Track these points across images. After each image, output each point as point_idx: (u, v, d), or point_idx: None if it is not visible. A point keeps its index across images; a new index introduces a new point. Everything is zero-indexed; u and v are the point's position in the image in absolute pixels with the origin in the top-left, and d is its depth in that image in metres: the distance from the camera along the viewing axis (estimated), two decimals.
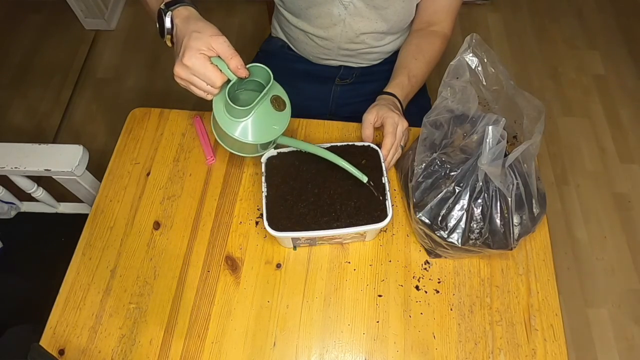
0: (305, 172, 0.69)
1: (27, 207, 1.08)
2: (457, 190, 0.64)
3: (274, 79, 0.64)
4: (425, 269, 0.71)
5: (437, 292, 0.69)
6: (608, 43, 1.97)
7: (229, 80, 0.61)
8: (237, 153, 0.69)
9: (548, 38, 1.99)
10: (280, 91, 0.68)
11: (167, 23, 0.63)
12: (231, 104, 0.60)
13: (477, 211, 0.63)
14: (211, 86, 0.61)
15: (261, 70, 0.64)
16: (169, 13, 0.63)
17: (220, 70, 0.60)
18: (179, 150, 0.83)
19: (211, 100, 0.64)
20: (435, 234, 0.65)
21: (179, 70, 0.60)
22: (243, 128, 0.64)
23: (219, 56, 0.60)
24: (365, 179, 0.64)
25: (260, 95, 0.62)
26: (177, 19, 0.62)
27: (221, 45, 0.59)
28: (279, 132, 0.66)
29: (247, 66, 0.61)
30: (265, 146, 0.69)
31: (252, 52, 1.14)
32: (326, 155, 0.65)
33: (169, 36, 0.64)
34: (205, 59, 0.59)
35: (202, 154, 0.82)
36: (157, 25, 0.65)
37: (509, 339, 0.66)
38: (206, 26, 0.61)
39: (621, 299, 1.42)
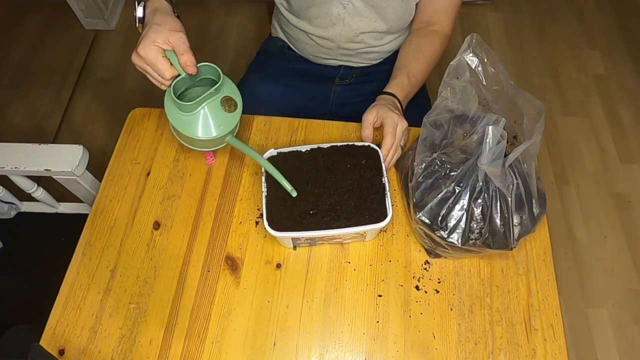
0: (305, 172, 0.69)
1: (27, 207, 1.08)
2: (457, 190, 0.64)
3: (233, 81, 0.68)
4: (425, 269, 0.71)
5: (437, 292, 0.69)
6: (608, 43, 1.97)
7: (179, 75, 0.64)
8: (189, 146, 0.72)
9: (548, 38, 1.99)
10: (233, 92, 0.69)
11: (139, 12, 0.66)
12: (173, 97, 0.63)
13: (477, 211, 0.63)
14: (162, 77, 0.64)
15: (213, 70, 0.66)
16: (142, 3, 0.66)
17: (171, 64, 0.63)
18: (179, 150, 0.83)
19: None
20: (435, 234, 0.65)
21: (134, 58, 0.64)
22: (188, 122, 0.66)
23: (173, 50, 0.62)
24: (294, 194, 0.65)
25: (205, 94, 0.64)
26: (148, 9, 0.66)
27: (177, 40, 0.62)
28: (224, 131, 0.68)
29: (199, 64, 0.64)
30: (213, 143, 0.70)
31: (252, 52, 1.14)
32: (264, 165, 0.67)
33: (140, 25, 0.67)
34: (159, 51, 0.62)
35: (202, 154, 0.82)
36: (135, 14, 0.68)
37: (509, 339, 0.66)
38: (169, 21, 0.64)
39: (621, 299, 1.42)
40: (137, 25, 0.67)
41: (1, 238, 1.01)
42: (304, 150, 0.71)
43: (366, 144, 0.71)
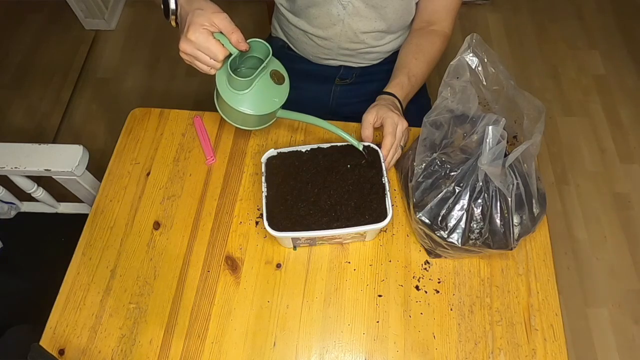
0: (305, 172, 0.69)
1: (27, 207, 1.08)
2: (457, 190, 0.64)
3: (273, 54, 0.68)
4: (425, 269, 0.71)
5: (437, 292, 0.69)
6: (608, 43, 1.97)
7: (230, 56, 0.64)
8: (240, 127, 0.73)
9: (548, 38, 1.99)
10: (279, 66, 0.71)
11: (172, 4, 0.66)
12: (233, 75, 0.64)
13: (477, 211, 0.63)
14: (214, 60, 0.64)
15: (260, 45, 0.68)
16: None
17: (222, 45, 0.63)
18: (179, 150, 0.83)
19: (214, 81, 0.68)
20: (435, 234, 0.65)
21: (184, 45, 0.63)
22: (244, 100, 0.67)
23: (221, 32, 0.63)
24: (360, 147, 0.68)
25: (261, 67, 0.66)
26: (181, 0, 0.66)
27: (223, 21, 0.62)
28: (278, 105, 0.70)
29: (247, 41, 0.65)
30: (266, 119, 0.72)
31: None
32: (324, 125, 0.70)
33: (173, 17, 0.68)
34: (208, 33, 0.62)
35: (202, 154, 0.82)
36: (162, 7, 0.68)
37: (509, 339, 0.66)
38: (208, 4, 0.64)
39: (621, 299, 1.42)
40: (170, 17, 0.68)
41: (1, 238, 1.01)
42: (304, 150, 0.71)
43: (366, 144, 0.71)
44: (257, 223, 0.75)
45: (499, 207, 0.63)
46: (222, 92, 0.67)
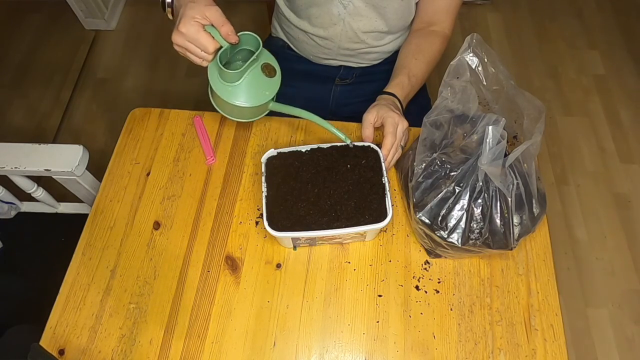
0: (305, 172, 0.69)
1: (27, 207, 1.08)
2: (457, 190, 0.64)
3: (271, 52, 0.69)
4: (425, 269, 0.71)
5: (437, 292, 0.69)
6: (608, 43, 1.97)
7: (221, 48, 0.65)
8: (234, 119, 0.74)
9: (548, 38, 1.99)
10: (270, 59, 0.72)
11: None
12: (222, 67, 0.64)
13: (477, 211, 0.63)
14: (204, 52, 0.64)
15: (251, 38, 0.68)
16: None
17: (213, 37, 0.64)
18: (179, 150, 0.83)
19: (207, 73, 0.69)
20: (435, 234, 0.65)
21: (175, 37, 0.64)
22: (235, 92, 0.68)
23: (212, 25, 0.64)
24: (348, 141, 0.69)
25: (250, 60, 0.66)
26: None
27: (214, 13, 0.63)
28: (269, 97, 0.70)
29: (238, 34, 0.66)
30: (256, 111, 0.73)
31: None
32: (315, 120, 0.71)
33: (169, 9, 0.69)
34: (199, 26, 0.63)
35: (202, 154, 0.82)
36: (160, 0, 0.70)
37: (509, 339, 0.66)
38: None
39: (621, 299, 1.42)
40: (166, 9, 0.69)
41: (1, 238, 1.01)
42: (304, 150, 0.71)
43: (366, 144, 0.71)
44: (257, 223, 0.75)
45: (499, 207, 0.63)
46: (213, 84, 0.68)
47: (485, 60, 0.64)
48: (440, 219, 0.65)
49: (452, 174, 0.65)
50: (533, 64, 1.92)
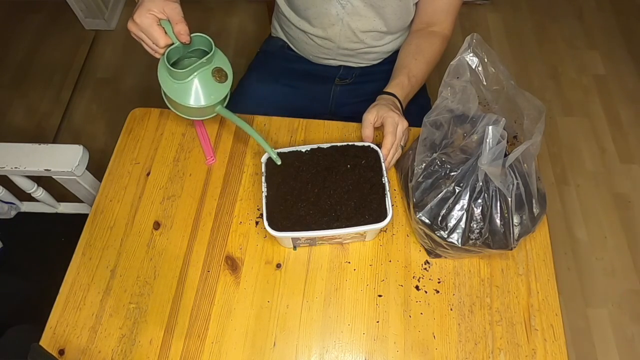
0: (305, 172, 0.69)
1: (27, 207, 1.08)
2: (457, 190, 0.64)
3: (223, 52, 0.69)
4: (425, 269, 0.71)
5: (437, 292, 0.69)
6: (608, 43, 1.97)
7: (173, 44, 0.65)
8: (179, 114, 0.73)
9: (548, 38, 1.99)
10: (224, 64, 0.71)
11: None
12: (166, 63, 0.65)
13: (477, 211, 0.63)
14: (156, 45, 0.65)
15: (206, 41, 0.68)
16: None
17: (166, 33, 0.64)
18: (179, 150, 0.83)
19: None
20: (435, 234, 0.65)
21: (130, 25, 0.66)
22: (178, 90, 0.68)
23: (168, 20, 0.64)
24: (279, 162, 0.68)
25: (198, 62, 0.66)
26: None
27: (173, 10, 0.64)
28: (214, 101, 0.69)
29: (192, 35, 0.66)
30: (200, 112, 0.72)
31: (252, 52, 1.14)
32: (251, 133, 0.70)
33: None
34: (154, 19, 0.64)
35: (202, 154, 0.82)
36: None
37: (509, 339, 0.66)
38: None
39: (621, 299, 1.42)
40: None
41: (1, 238, 1.01)
42: (304, 150, 0.71)
43: (366, 144, 0.71)
44: (257, 223, 0.75)
45: (499, 207, 0.63)
46: (160, 79, 0.68)
47: (485, 60, 0.64)
48: (440, 219, 0.65)
49: (452, 174, 0.65)
50: (533, 64, 1.92)
